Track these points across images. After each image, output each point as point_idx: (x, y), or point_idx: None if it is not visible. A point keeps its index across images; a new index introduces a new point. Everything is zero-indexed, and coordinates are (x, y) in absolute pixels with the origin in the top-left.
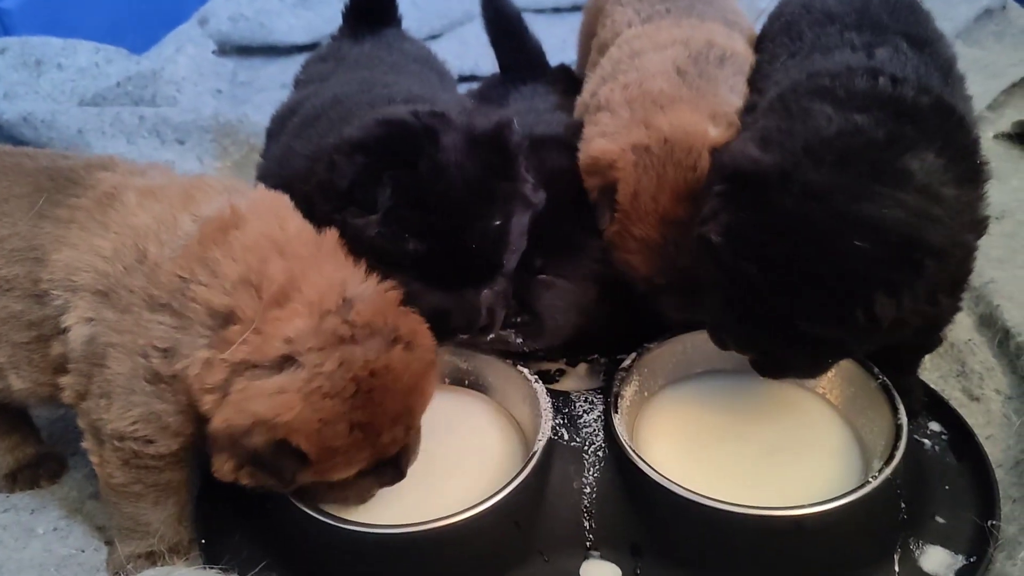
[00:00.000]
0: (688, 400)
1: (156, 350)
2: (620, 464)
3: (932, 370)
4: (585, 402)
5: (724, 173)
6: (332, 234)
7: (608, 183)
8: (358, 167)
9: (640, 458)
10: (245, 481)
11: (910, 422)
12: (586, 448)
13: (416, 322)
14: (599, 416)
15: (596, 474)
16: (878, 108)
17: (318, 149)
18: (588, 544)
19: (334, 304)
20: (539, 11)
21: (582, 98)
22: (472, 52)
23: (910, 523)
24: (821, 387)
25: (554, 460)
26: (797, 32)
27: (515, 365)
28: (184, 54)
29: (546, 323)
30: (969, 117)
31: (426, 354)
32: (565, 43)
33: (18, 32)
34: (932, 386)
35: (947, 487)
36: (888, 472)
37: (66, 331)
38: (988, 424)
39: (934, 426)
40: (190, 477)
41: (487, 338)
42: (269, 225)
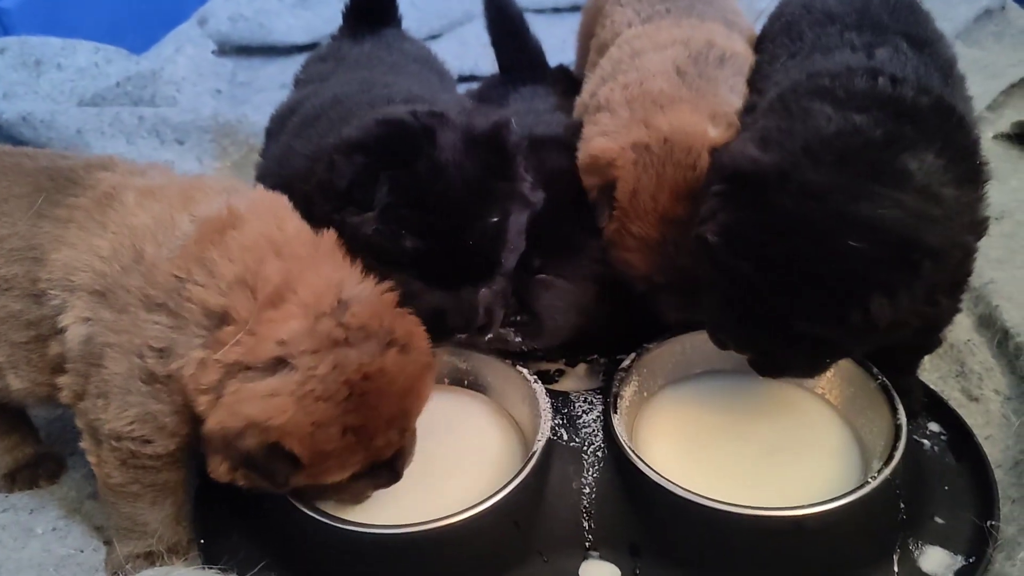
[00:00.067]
0: (687, 400)
1: (152, 350)
2: (619, 464)
3: (931, 370)
4: (584, 402)
5: (723, 173)
6: (330, 235)
7: (607, 181)
8: (357, 167)
9: (639, 458)
10: (241, 482)
11: (909, 422)
12: (585, 448)
13: (412, 324)
14: (598, 416)
15: (595, 474)
16: (878, 108)
17: (318, 149)
18: (587, 544)
19: (329, 306)
20: (539, 11)
21: (581, 98)
22: (472, 52)
23: (909, 523)
24: (821, 387)
25: (553, 460)
26: (797, 32)
27: (514, 365)
28: (183, 54)
29: (545, 323)
30: (969, 117)
31: (422, 357)
32: (565, 43)
33: (17, 32)
34: (931, 386)
35: (946, 487)
36: (887, 472)
37: (64, 331)
38: (987, 424)
39: (933, 426)
40: (188, 477)
41: (485, 338)
42: (267, 225)
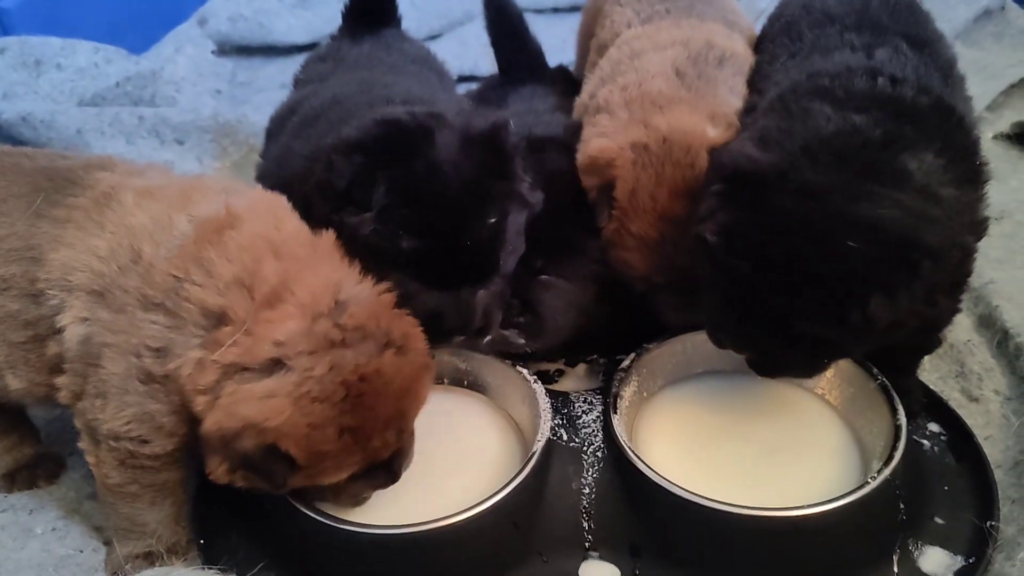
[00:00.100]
0: (687, 400)
1: (149, 350)
2: (619, 465)
3: (931, 371)
4: (584, 402)
5: (723, 173)
6: (329, 236)
7: (606, 181)
8: (356, 167)
9: (639, 458)
10: (239, 483)
11: (909, 423)
12: (585, 449)
13: (410, 325)
14: (598, 417)
15: (595, 475)
16: (877, 108)
17: (317, 149)
18: (587, 545)
19: (327, 306)
20: (539, 11)
21: (581, 99)
22: (471, 52)
23: (909, 524)
24: (820, 387)
25: (553, 461)
26: (797, 33)
27: (514, 365)
28: (183, 54)
29: (547, 323)
30: (969, 118)
31: (419, 358)
32: (565, 43)
33: (17, 32)
34: (931, 387)
35: (946, 488)
36: (887, 473)
37: (62, 331)
38: (987, 425)
39: (933, 427)
40: (186, 477)
41: (484, 341)
42: (265, 226)
